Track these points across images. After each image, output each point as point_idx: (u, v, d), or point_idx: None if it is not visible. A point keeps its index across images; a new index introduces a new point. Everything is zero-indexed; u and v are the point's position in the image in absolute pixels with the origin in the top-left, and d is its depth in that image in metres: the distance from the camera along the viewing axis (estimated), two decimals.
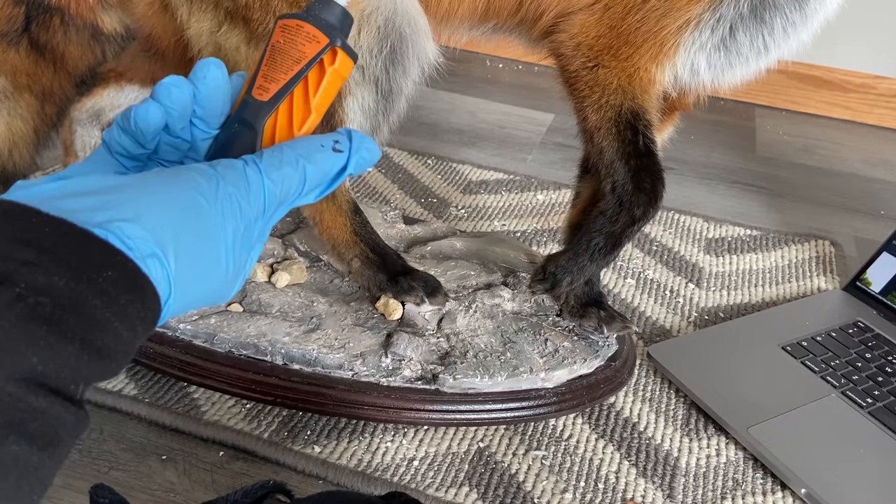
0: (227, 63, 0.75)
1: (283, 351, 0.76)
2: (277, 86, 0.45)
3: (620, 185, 0.73)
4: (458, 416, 0.75)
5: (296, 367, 0.76)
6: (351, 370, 0.75)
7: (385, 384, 0.75)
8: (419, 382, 0.75)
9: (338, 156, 0.47)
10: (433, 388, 0.75)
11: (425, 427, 0.76)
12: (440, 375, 0.74)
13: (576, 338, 0.81)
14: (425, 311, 0.80)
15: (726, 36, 0.70)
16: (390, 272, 0.80)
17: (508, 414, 0.76)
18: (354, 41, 0.71)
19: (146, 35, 0.82)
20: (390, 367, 0.75)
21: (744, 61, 0.72)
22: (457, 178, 1.24)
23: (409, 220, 1.00)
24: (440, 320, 0.80)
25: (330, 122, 0.72)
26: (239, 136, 0.46)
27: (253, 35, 0.72)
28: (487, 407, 0.75)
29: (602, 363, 0.80)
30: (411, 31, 0.73)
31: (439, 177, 1.24)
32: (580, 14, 0.72)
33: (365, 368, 0.75)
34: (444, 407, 0.74)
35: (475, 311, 0.81)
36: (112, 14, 0.80)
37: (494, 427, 0.76)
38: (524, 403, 0.76)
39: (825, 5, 0.71)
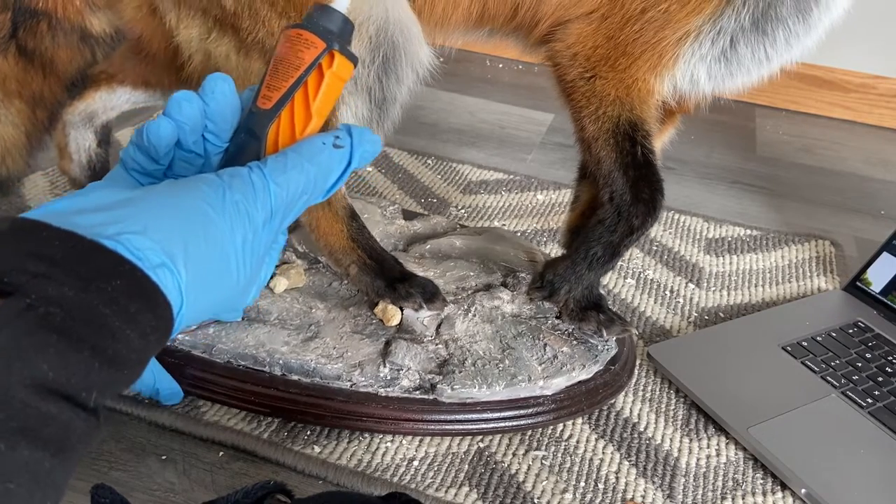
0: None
1: (281, 361, 0.75)
2: (279, 93, 0.46)
3: (619, 196, 0.73)
4: (456, 425, 0.74)
5: (294, 377, 0.75)
6: (349, 381, 0.75)
7: (383, 394, 0.74)
8: (417, 392, 0.75)
9: (340, 153, 0.47)
10: (431, 397, 0.74)
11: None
12: (438, 385, 0.74)
13: (575, 342, 0.80)
14: (424, 317, 0.79)
15: (727, 48, 0.69)
16: (388, 278, 0.79)
17: (507, 423, 0.75)
18: None
19: (136, 37, 0.82)
20: (388, 377, 0.75)
21: (745, 71, 0.71)
22: (457, 178, 1.24)
23: (408, 215, 0.99)
24: (439, 325, 0.79)
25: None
26: (245, 145, 0.47)
27: (243, 44, 0.71)
28: (485, 416, 0.74)
29: (601, 368, 0.80)
30: (404, 40, 0.72)
31: (439, 177, 1.24)
32: (576, 23, 0.71)
33: (363, 379, 0.74)
34: (442, 417, 0.74)
35: (474, 315, 0.80)
36: (100, 16, 0.79)
37: None
38: (522, 412, 0.75)
39: (829, 13, 0.69)
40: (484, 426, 0.75)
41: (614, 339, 0.82)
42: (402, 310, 0.80)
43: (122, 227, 0.38)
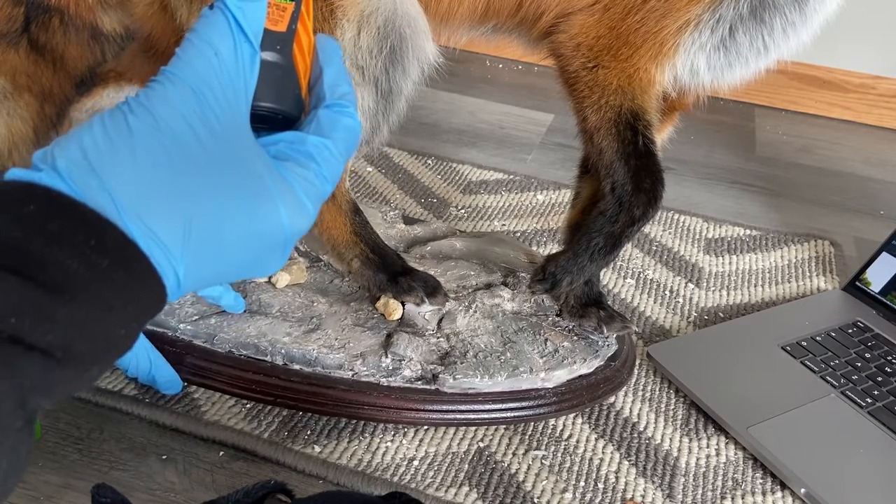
0: None
1: (283, 351, 0.76)
2: (287, 12, 0.44)
3: (620, 186, 0.73)
4: (458, 416, 0.75)
5: (296, 367, 0.76)
6: (351, 370, 0.75)
7: (385, 384, 0.75)
8: (419, 382, 0.75)
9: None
10: (433, 388, 0.75)
11: (425, 427, 0.76)
12: (440, 375, 0.74)
13: (575, 338, 0.81)
14: (425, 311, 0.80)
15: (726, 36, 0.70)
16: (390, 272, 0.80)
17: (508, 414, 0.76)
18: (354, 42, 0.71)
19: (146, 35, 0.82)
20: (390, 367, 0.75)
21: (743, 62, 0.72)
22: (457, 178, 1.24)
23: (408, 220, 1.00)
24: (440, 320, 0.80)
25: None
26: (271, 72, 0.44)
27: None
28: (487, 407, 0.75)
29: (602, 363, 0.80)
30: (411, 32, 0.73)
31: (439, 177, 1.24)
32: (580, 14, 0.72)
33: (365, 368, 0.75)
34: (444, 407, 0.74)
35: (475, 311, 0.81)
36: (112, 14, 0.80)
37: (494, 427, 0.76)
38: (524, 403, 0.76)
39: (825, 6, 0.70)
40: (486, 417, 0.75)
41: (614, 336, 0.82)
42: (403, 304, 0.80)
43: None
